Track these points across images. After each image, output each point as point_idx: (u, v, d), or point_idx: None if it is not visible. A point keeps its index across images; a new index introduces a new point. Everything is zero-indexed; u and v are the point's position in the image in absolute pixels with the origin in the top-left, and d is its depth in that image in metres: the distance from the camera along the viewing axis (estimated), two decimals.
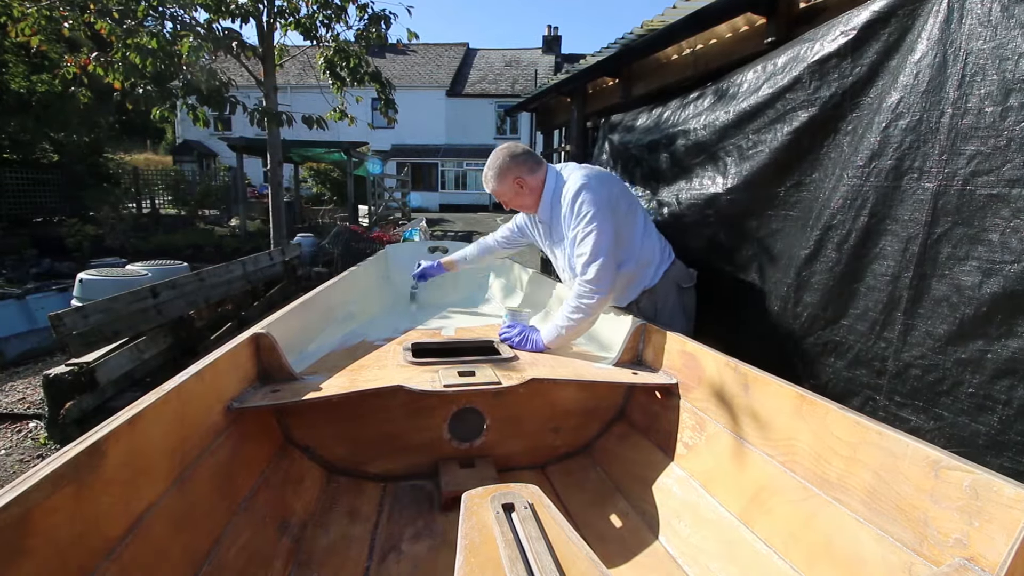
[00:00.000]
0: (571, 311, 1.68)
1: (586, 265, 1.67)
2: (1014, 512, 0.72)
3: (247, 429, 1.25)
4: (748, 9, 2.28)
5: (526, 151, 1.90)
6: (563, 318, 1.70)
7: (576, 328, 1.71)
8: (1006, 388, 1.24)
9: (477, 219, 18.52)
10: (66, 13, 5.21)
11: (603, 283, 1.65)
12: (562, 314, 1.71)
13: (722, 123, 2.09)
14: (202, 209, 14.24)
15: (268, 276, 5.10)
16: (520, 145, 1.93)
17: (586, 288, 1.66)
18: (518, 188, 1.87)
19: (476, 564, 0.70)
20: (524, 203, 1.93)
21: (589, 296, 1.65)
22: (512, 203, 1.94)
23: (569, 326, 1.70)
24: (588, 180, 1.72)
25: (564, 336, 1.72)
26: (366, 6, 6.14)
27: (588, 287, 1.65)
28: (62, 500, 0.74)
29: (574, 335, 1.75)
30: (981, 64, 1.28)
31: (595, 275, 1.64)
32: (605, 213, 1.68)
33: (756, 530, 1.10)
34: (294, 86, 21.69)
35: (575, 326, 1.70)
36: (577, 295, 1.68)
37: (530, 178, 1.86)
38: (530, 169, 1.87)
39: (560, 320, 1.71)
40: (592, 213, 1.67)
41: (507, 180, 1.87)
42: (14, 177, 10.50)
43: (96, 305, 2.80)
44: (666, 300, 1.91)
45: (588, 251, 1.67)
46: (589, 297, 1.65)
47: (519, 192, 1.88)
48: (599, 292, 1.65)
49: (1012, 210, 1.22)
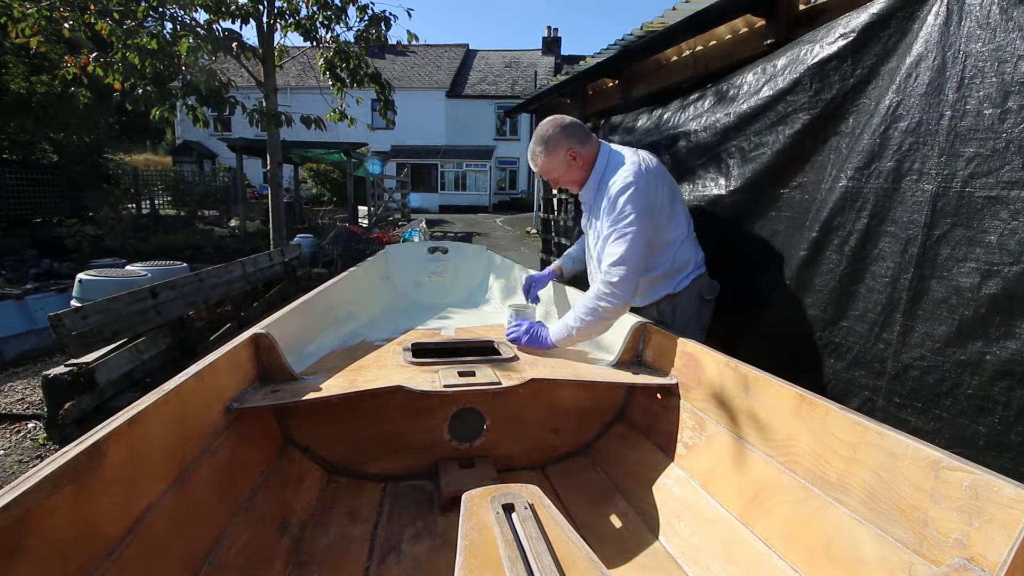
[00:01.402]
0: (585, 312, 1.62)
1: (612, 267, 1.60)
2: (1014, 512, 0.72)
3: (247, 429, 1.25)
4: (748, 11, 2.28)
5: (574, 122, 1.77)
6: (575, 318, 1.64)
7: (587, 330, 1.65)
8: (1005, 389, 1.25)
9: (477, 220, 18.53)
10: (66, 13, 5.21)
11: (625, 290, 1.58)
12: (575, 314, 1.65)
13: (723, 125, 2.10)
14: (202, 210, 14.24)
15: (268, 277, 5.10)
16: (567, 116, 1.79)
17: (607, 291, 1.59)
18: (571, 160, 1.74)
19: (476, 564, 0.70)
20: (576, 178, 1.78)
21: (607, 299, 1.59)
22: (564, 179, 1.80)
23: (580, 327, 1.64)
24: (638, 179, 1.62)
25: (574, 337, 1.66)
26: (366, 7, 6.16)
27: (608, 290, 1.59)
28: (62, 500, 0.74)
29: (584, 337, 1.69)
30: (980, 66, 1.29)
31: (618, 280, 1.58)
32: (644, 219, 1.60)
33: (756, 530, 1.10)
34: (294, 87, 21.71)
35: (586, 328, 1.64)
36: (596, 296, 1.61)
37: (583, 150, 1.74)
38: (581, 140, 1.74)
39: (571, 320, 1.65)
40: (632, 217, 1.59)
41: (559, 153, 1.73)
42: (14, 177, 10.49)
43: (95, 306, 2.80)
44: (685, 308, 1.85)
45: (618, 255, 1.59)
46: (607, 300, 1.59)
47: (571, 166, 1.74)
48: (619, 298, 1.58)
49: (1011, 212, 1.22)
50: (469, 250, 3.35)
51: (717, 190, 2.15)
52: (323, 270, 7.28)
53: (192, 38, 5.03)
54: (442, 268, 3.21)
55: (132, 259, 7.44)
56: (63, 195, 11.34)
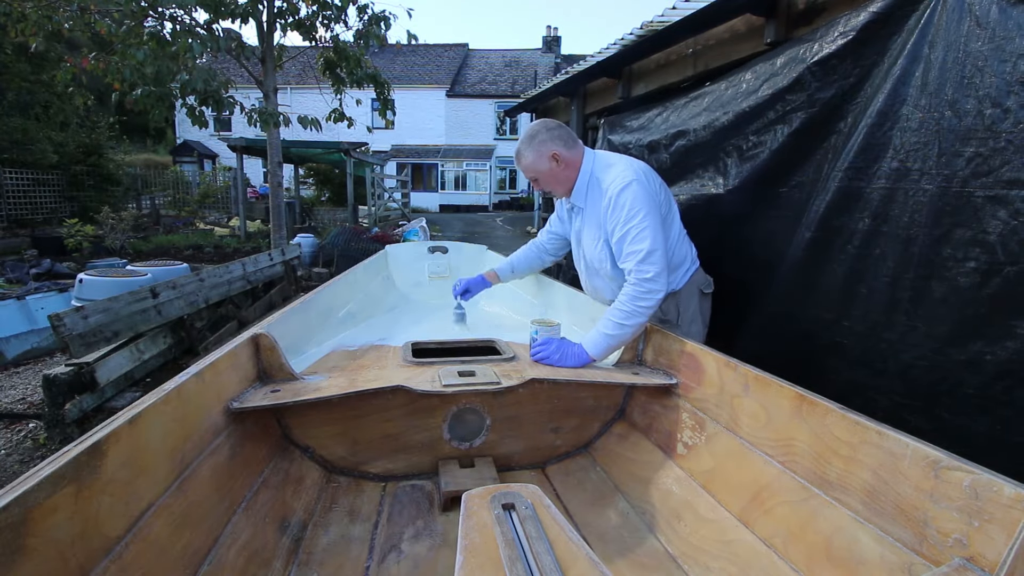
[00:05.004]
0: (624, 316, 1.54)
1: (643, 262, 1.54)
2: (1014, 512, 0.72)
3: (247, 429, 1.25)
4: (748, 10, 2.28)
5: (561, 125, 1.77)
6: (613, 325, 1.55)
7: (625, 336, 1.56)
8: (1005, 389, 1.25)
9: (477, 219, 18.53)
10: (66, 13, 5.21)
11: (662, 283, 1.54)
12: (611, 321, 1.55)
13: (722, 124, 2.10)
14: (202, 210, 14.24)
15: (268, 276, 5.09)
16: (555, 120, 1.80)
17: (643, 288, 1.53)
18: (554, 164, 1.73)
19: (476, 564, 0.70)
20: (559, 182, 1.77)
21: (647, 297, 1.53)
22: (546, 182, 1.78)
23: (621, 334, 1.55)
24: (638, 175, 1.62)
25: (613, 346, 1.58)
26: (365, 7, 6.16)
27: (646, 286, 1.53)
28: (62, 500, 0.74)
29: (624, 343, 1.60)
30: (980, 66, 1.29)
31: (654, 275, 1.53)
32: (654, 213, 1.59)
33: (756, 530, 1.10)
34: (294, 87, 21.71)
35: (627, 334, 1.56)
36: (632, 297, 1.53)
37: (567, 154, 1.72)
38: (566, 144, 1.73)
39: (608, 328, 1.55)
40: (644, 213, 1.57)
41: (543, 154, 1.72)
42: (14, 177, 10.51)
43: (96, 305, 2.80)
44: (688, 305, 1.84)
45: (645, 249, 1.54)
46: (647, 299, 1.53)
47: (554, 169, 1.74)
48: (658, 292, 1.54)
49: (1010, 212, 1.22)
50: (469, 250, 3.34)
51: (715, 189, 2.15)
52: (323, 270, 7.28)
53: (192, 38, 5.03)
54: (442, 268, 3.21)
55: (132, 259, 7.45)
56: (63, 195, 11.35)
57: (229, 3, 5.40)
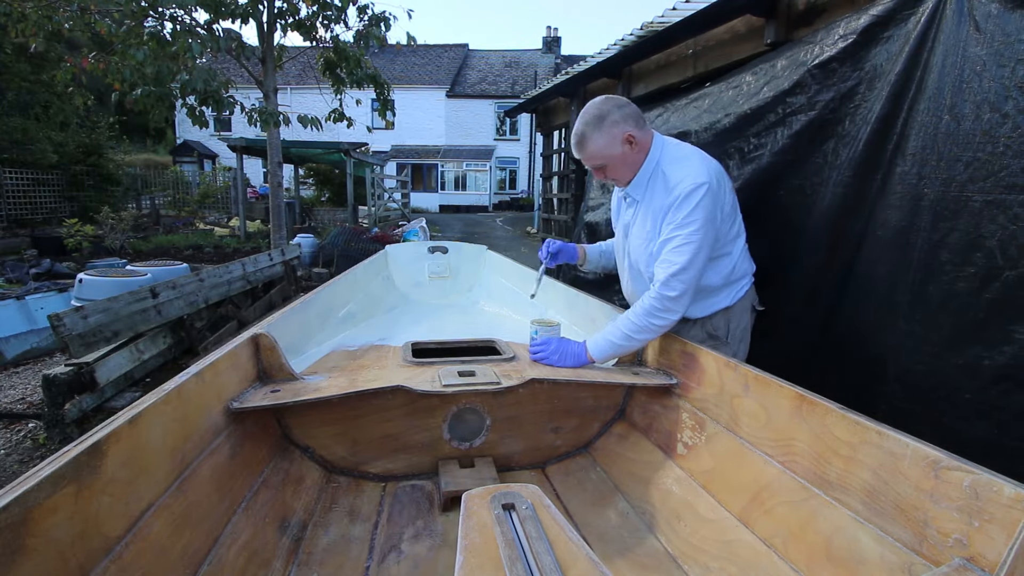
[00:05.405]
0: (635, 330, 1.46)
1: (672, 278, 1.42)
2: (1014, 512, 0.72)
3: (247, 429, 1.25)
4: (748, 11, 2.29)
5: (629, 102, 1.52)
6: (622, 335, 1.47)
7: (631, 348, 1.51)
8: (1004, 393, 1.25)
9: (477, 220, 18.53)
10: (66, 13, 5.22)
11: (682, 306, 1.44)
12: (620, 330, 1.48)
13: (723, 126, 2.10)
14: (202, 210, 14.24)
15: (268, 277, 5.09)
16: (620, 97, 1.55)
17: (662, 305, 1.43)
18: (627, 147, 1.48)
19: (476, 564, 0.70)
20: (628, 167, 1.53)
21: (662, 315, 1.43)
22: (615, 168, 1.53)
23: (627, 346, 1.49)
24: (711, 180, 1.43)
25: (616, 354, 1.52)
26: (366, 8, 6.16)
27: (665, 304, 1.43)
28: (62, 500, 0.74)
29: (625, 353, 1.54)
30: (979, 70, 1.29)
31: (678, 296, 1.42)
32: (709, 228, 1.44)
33: (756, 530, 1.10)
34: (294, 87, 21.71)
35: (633, 347, 1.50)
36: (647, 311, 1.44)
37: (641, 135, 1.49)
38: (638, 124, 1.49)
39: (616, 336, 1.48)
40: (699, 224, 1.41)
41: (616, 137, 1.47)
42: (14, 177, 10.51)
43: (96, 305, 2.80)
44: (740, 321, 1.67)
45: (681, 265, 1.41)
46: (662, 317, 1.43)
47: (626, 153, 1.49)
48: (675, 314, 1.44)
49: (1009, 216, 1.22)
50: (469, 250, 3.35)
51: None
52: (323, 270, 7.28)
53: (192, 38, 5.04)
54: (442, 268, 3.22)
55: (132, 259, 7.45)
56: (63, 195, 11.35)
57: (229, 3, 5.41)
